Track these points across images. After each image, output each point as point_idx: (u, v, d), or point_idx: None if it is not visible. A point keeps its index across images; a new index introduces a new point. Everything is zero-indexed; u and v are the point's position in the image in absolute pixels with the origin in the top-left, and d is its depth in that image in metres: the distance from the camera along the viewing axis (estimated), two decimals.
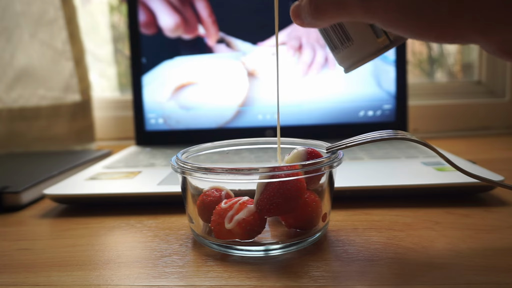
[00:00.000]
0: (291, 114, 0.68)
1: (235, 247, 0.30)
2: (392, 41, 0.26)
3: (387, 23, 0.23)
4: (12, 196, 0.44)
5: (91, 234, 0.36)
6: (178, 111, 0.70)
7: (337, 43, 0.28)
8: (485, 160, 0.50)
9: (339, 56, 0.29)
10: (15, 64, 0.76)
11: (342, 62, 0.29)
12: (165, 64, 0.70)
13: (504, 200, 0.39)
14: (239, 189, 0.33)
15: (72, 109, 0.78)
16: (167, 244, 0.33)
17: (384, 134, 0.30)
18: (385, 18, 0.23)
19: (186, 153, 0.35)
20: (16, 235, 0.37)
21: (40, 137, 0.77)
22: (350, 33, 0.27)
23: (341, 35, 0.27)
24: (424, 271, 0.27)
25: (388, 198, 0.40)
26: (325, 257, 0.29)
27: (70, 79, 0.77)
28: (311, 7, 0.26)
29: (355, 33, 0.27)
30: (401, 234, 0.33)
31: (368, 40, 0.26)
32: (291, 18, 0.28)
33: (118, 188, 0.44)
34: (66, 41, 0.75)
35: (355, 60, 0.28)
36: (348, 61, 0.28)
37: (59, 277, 0.28)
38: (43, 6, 0.74)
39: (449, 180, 0.40)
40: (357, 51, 0.27)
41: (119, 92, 0.96)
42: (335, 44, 0.28)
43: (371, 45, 0.26)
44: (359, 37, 0.27)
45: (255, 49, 0.68)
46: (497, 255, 0.29)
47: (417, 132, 0.83)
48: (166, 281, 0.27)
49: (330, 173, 0.31)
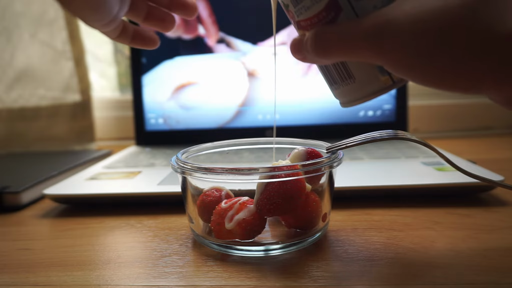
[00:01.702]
0: (291, 114, 0.68)
1: (235, 247, 0.30)
2: (395, 82, 0.25)
3: (396, 67, 0.22)
4: (12, 196, 0.44)
5: (91, 234, 0.36)
6: (178, 111, 0.70)
7: (337, 79, 0.27)
8: (485, 160, 0.50)
9: (338, 91, 0.28)
10: (15, 64, 0.76)
11: (340, 97, 0.28)
12: (165, 64, 0.70)
13: (504, 200, 0.39)
14: (239, 189, 0.33)
15: (72, 109, 0.78)
16: (167, 244, 0.33)
17: (384, 134, 0.30)
18: (394, 62, 0.22)
19: (186, 153, 0.35)
20: (16, 235, 0.37)
21: (40, 137, 0.77)
22: (352, 70, 0.26)
23: (342, 72, 0.26)
24: (424, 271, 0.27)
25: (388, 198, 0.40)
26: (325, 257, 0.29)
27: (70, 79, 0.77)
28: (316, 45, 0.25)
29: (357, 71, 0.26)
30: (401, 234, 0.33)
31: (371, 79, 0.25)
32: (290, 52, 0.27)
33: (118, 188, 0.44)
34: (66, 41, 0.75)
35: (354, 97, 0.27)
36: (346, 98, 0.27)
37: (59, 277, 0.28)
38: (43, 6, 0.74)
39: (449, 180, 0.40)
40: (358, 90, 0.26)
41: (119, 92, 0.96)
42: (335, 80, 0.27)
43: (373, 85, 0.26)
44: (361, 76, 0.26)
45: (255, 49, 0.68)
46: (497, 255, 0.29)
47: (417, 132, 0.83)
48: (166, 281, 0.27)
49: (330, 173, 0.31)
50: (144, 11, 0.34)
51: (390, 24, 0.22)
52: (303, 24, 0.26)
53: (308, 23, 0.26)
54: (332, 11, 0.24)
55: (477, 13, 0.19)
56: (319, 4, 0.24)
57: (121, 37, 0.33)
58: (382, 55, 0.22)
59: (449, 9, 0.20)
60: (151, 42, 0.35)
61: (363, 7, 0.24)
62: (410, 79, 0.23)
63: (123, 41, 0.34)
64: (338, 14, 0.24)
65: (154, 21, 0.34)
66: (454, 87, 0.21)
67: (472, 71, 0.20)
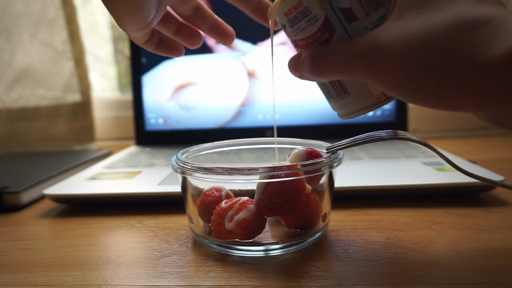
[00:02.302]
0: (291, 114, 0.68)
1: (235, 247, 0.30)
2: (387, 97, 0.27)
3: (387, 87, 0.24)
4: (12, 196, 0.44)
5: (91, 234, 0.36)
6: (178, 111, 0.70)
7: (333, 93, 0.28)
8: (485, 160, 0.50)
9: (334, 105, 0.29)
10: (15, 64, 0.76)
11: (337, 110, 0.30)
12: (165, 64, 0.70)
13: (504, 200, 0.39)
14: (239, 189, 0.33)
15: (72, 109, 0.78)
16: (167, 244, 0.33)
17: (384, 134, 0.30)
18: (386, 82, 0.23)
19: (186, 153, 0.35)
20: (16, 235, 0.37)
21: (40, 137, 0.77)
22: (347, 86, 0.27)
23: (338, 88, 0.28)
24: (424, 271, 0.27)
25: (388, 198, 0.40)
26: (325, 257, 0.29)
27: (70, 79, 0.77)
28: (312, 65, 0.27)
29: (352, 87, 0.27)
30: (401, 234, 0.33)
31: (365, 94, 0.27)
32: (288, 70, 0.29)
33: (118, 188, 0.44)
34: (66, 41, 0.75)
35: (350, 111, 0.28)
36: (342, 111, 0.29)
37: (59, 277, 0.28)
38: (43, 6, 0.74)
39: (449, 180, 0.40)
40: (353, 104, 0.28)
41: (119, 92, 0.96)
42: (331, 94, 0.29)
43: (367, 100, 0.27)
44: (355, 91, 0.27)
45: (255, 49, 0.68)
46: (497, 255, 0.29)
47: (417, 132, 0.83)
48: (166, 281, 0.27)
49: (330, 173, 0.31)
50: (175, 26, 0.35)
51: (379, 47, 0.23)
52: (299, 43, 0.28)
53: (304, 43, 0.27)
54: (326, 32, 0.26)
55: (457, 42, 0.20)
56: (314, 26, 0.26)
57: (148, 43, 0.34)
58: (373, 76, 0.24)
59: (433, 36, 0.21)
60: (175, 51, 0.36)
61: (355, 28, 0.25)
62: (399, 98, 0.24)
63: (149, 48, 0.35)
64: (332, 35, 0.26)
65: (183, 36, 0.36)
66: (438, 106, 0.23)
67: (453, 94, 0.21)
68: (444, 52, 0.21)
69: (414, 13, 0.22)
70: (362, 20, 0.25)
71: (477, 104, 0.21)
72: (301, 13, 0.26)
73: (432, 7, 0.22)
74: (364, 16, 0.25)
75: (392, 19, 0.23)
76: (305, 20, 0.26)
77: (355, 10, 0.25)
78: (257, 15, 0.34)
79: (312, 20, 0.26)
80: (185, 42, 0.36)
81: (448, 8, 0.21)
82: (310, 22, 0.26)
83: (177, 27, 0.35)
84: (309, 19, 0.26)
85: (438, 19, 0.21)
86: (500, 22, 0.20)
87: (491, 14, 0.20)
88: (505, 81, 0.19)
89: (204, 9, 0.35)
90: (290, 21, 0.27)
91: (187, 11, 0.34)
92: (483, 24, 0.20)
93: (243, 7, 0.34)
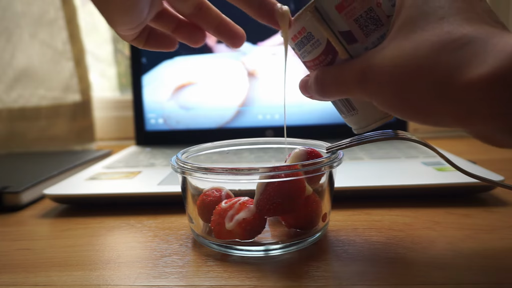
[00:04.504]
0: (291, 114, 0.68)
1: (235, 247, 0.30)
2: None
3: (381, 104, 0.25)
4: (12, 196, 0.44)
5: (91, 234, 0.36)
6: (178, 111, 0.70)
7: (343, 110, 0.30)
8: (485, 160, 0.50)
9: (347, 120, 0.31)
10: (15, 64, 0.76)
11: (350, 124, 0.31)
12: (165, 64, 0.70)
13: (504, 200, 0.39)
14: (239, 189, 0.33)
15: (72, 109, 0.78)
16: (167, 244, 0.33)
17: (384, 134, 0.30)
18: (379, 100, 0.25)
19: (186, 153, 0.35)
20: (16, 235, 0.37)
21: (40, 137, 0.77)
22: (354, 104, 0.29)
23: (346, 105, 0.30)
24: (424, 271, 0.27)
25: (388, 198, 0.40)
26: (325, 257, 0.29)
27: (70, 79, 0.77)
28: (317, 87, 0.29)
29: (358, 105, 0.29)
30: (401, 234, 0.33)
31: (370, 111, 0.29)
32: (300, 91, 0.31)
33: (118, 188, 0.44)
34: (66, 41, 0.75)
35: (360, 126, 0.30)
36: (355, 126, 0.31)
37: (59, 277, 0.28)
38: (43, 6, 0.74)
39: (449, 180, 0.40)
40: (362, 120, 0.30)
41: (119, 92, 0.96)
42: (342, 111, 0.31)
43: (373, 116, 0.29)
44: (362, 108, 0.29)
45: (255, 49, 0.68)
46: (497, 255, 0.29)
47: (417, 132, 0.83)
48: (166, 281, 0.27)
49: (330, 173, 0.31)
50: (174, 23, 0.33)
51: (373, 69, 0.24)
52: (308, 64, 0.30)
53: (311, 64, 0.29)
54: (330, 54, 0.28)
55: (440, 61, 0.21)
56: (318, 49, 0.28)
57: (137, 39, 0.32)
58: (369, 95, 0.25)
59: (419, 55, 0.22)
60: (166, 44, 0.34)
61: (356, 49, 0.27)
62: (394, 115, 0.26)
63: (137, 44, 0.33)
64: (335, 56, 0.27)
65: (183, 34, 0.33)
66: (425, 123, 0.24)
67: (436, 112, 0.22)
68: (427, 71, 0.22)
69: (406, 32, 0.23)
70: (362, 41, 0.26)
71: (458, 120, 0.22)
72: (306, 38, 0.28)
73: (421, 26, 0.23)
74: (363, 37, 0.26)
75: (388, 39, 0.25)
76: (309, 44, 0.28)
77: (355, 32, 0.26)
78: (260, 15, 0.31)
79: (315, 44, 0.28)
80: (185, 40, 0.34)
81: (436, 27, 0.22)
82: (314, 46, 0.28)
83: (176, 25, 0.33)
84: (313, 43, 0.28)
85: (424, 38, 0.22)
86: (482, 43, 0.20)
87: (473, 35, 0.21)
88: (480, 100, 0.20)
89: (209, 7, 0.32)
90: (297, 45, 0.29)
91: (188, 9, 0.31)
92: (464, 45, 0.21)
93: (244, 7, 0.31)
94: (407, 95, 0.23)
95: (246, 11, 0.31)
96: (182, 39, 0.34)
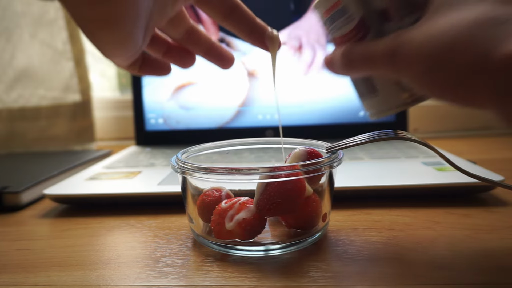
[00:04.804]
0: (291, 114, 0.68)
1: (235, 247, 0.30)
2: (414, 100, 0.28)
3: (411, 80, 0.25)
4: (12, 196, 0.44)
5: (91, 234, 0.36)
6: (178, 111, 0.70)
7: (364, 91, 0.30)
8: (485, 160, 0.50)
9: (365, 103, 0.30)
10: (15, 64, 0.76)
11: (368, 109, 0.31)
12: None
13: (504, 200, 0.39)
14: (239, 189, 0.33)
15: (72, 109, 0.78)
16: (167, 244, 0.33)
17: (384, 134, 0.30)
18: (409, 76, 0.24)
19: (186, 153, 0.35)
20: (16, 235, 0.37)
21: (40, 137, 0.77)
22: (376, 85, 0.29)
23: (368, 86, 0.29)
24: (424, 271, 0.27)
25: (388, 198, 0.40)
26: (325, 257, 0.29)
27: (70, 79, 0.77)
28: (343, 60, 0.28)
29: (381, 86, 0.28)
30: (401, 234, 0.33)
31: (393, 94, 0.28)
32: (325, 66, 0.31)
33: (118, 188, 0.44)
34: (66, 41, 0.75)
35: (379, 110, 0.29)
36: (372, 110, 0.30)
37: (59, 277, 0.28)
38: (43, 6, 0.74)
39: (449, 180, 0.40)
40: (382, 103, 0.29)
41: (119, 92, 0.96)
42: (362, 92, 0.30)
43: (395, 100, 0.28)
44: (384, 90, 0.28)
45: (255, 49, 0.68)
46: (497, 255, 0.29)
47: (417, 132, 0.83)
48: (166, 281, 0.27)
49: (330, 173, 0.31)
50: (165, 48, 0.34)
51: (404, 44, 0.24)
52: (336, 41, 0.29)
53: (340, 40, 0.29)
54: (361, 31, 0.27)
55: (476, 37, 0.21)
56: (349, 25, 0.28)
57: (131, 66, 0.33)
58: (398, 72, 0.25)
59: (455, 32, 0.22)
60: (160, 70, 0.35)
61: (389, 28, 0.26)
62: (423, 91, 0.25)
63: (132, 70, 0.33)
64: (366, 33, 0.27)
65: (174, 58, 0.34)
66: (454, 101, 0.23)
67: (469, 88, 0.22)
68: (463, 46, 0.21)
69: (442, 13, 0.23)
70: (396, 21, 0.26)
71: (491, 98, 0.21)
72: (338, 12, 0.28)
73: (459, 7, 0.23)
74: (398, 17, 0.26)
75: (424, 19, 0.24)
76: (341, 19, 0.28)
77: (391, 11, 0.26)
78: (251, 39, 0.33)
79: (348, 19, 0.27)
80: (176, 63, 0.35)
81: (473, 7, 0.22)
82: (346, 21, 0.28)
83: (167, 48, 0.34)
84: (345, 19, 0.28)
85: (462, 17, 0.22)
86: None
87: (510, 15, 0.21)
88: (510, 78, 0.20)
89: (198, 32, 0.33)
90: (329, 19, 0.29)
91: (179, 34, 0.33)
92: (501, 24, 0.21)
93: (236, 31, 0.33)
94: (439, 71, 0.23)
95: (239, 34, 0.32)
96: (173, 62, 0.35)
